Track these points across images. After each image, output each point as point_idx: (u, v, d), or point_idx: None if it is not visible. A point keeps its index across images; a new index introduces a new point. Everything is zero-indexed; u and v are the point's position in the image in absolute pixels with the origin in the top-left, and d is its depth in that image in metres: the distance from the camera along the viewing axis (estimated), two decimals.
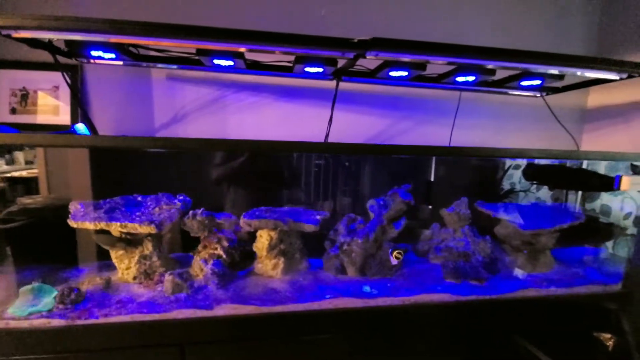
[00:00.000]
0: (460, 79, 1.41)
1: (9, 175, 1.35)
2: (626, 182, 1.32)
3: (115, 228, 1.14)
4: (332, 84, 1.59)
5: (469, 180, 1.96)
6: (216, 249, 1.27)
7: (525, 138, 2.00)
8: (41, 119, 1.59)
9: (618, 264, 1.60)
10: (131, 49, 1.28)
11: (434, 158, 1.88)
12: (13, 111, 1.58)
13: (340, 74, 1.48)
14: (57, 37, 1.10)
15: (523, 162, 1.98)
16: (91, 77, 1.61)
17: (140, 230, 1.16)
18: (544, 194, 2.08)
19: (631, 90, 1.83)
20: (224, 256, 1.27)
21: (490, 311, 1.27)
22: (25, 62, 1.54)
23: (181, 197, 1.34)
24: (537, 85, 1.52)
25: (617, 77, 1.28)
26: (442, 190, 1.86)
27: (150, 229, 1.14)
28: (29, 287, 1.07)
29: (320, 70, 1.32)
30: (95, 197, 1.33)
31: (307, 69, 1.31)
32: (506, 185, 2.03)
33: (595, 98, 2.04)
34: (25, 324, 0.98)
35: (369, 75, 1.48)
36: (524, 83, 1.50)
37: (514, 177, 2.05)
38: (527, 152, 1.25)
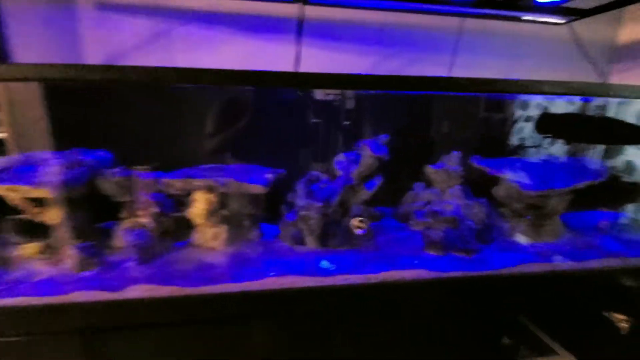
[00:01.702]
0: None
1: None
2: None
3: (2, 191, 0.91)
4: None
5: (470, 132, 1.63)
6: (141, 216, 1.04)
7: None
8: None
9: None
10: None
11: (425, 103, 1.55)
12: None
13: None
14: None
15: (535, 114, 1.64)
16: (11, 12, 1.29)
17: (37, 194, 0.92)
18: (558, 150, 1.75)
19: None
20: (151, 224, 1.04)
21: (478, 291, 1.03)
22: None
23: (100, 153, 1.09)
24: (557, 1, 1.15)
25: None
26: (436, 143, 1.56)
27: (45, 193, 0.91)
28: None
29: None
30: None
31: None
32: (515, 141, 1.70)
33: (628, 31, 1.63)
34: None
35: None
36: None
37: (525, 131, 1.71)
38: (537, 85, 0.92)
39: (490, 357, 1.08)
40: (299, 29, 1.35)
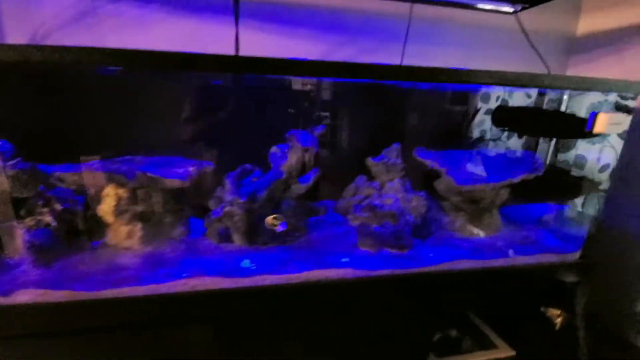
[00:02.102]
0: None
1: None
2: (602, 121, 0.97)
3: None
4: None
5: (421, 124, 1.58)
6: (42, 213, 0.95)
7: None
8: None
9: (584, 226, 1.32)
10: None
11: (375, 93, 1.49)
12: None
13: None
14: None
15: (488, 107, 1.62)
16: None
17: None
18: (516, 143, 1.74)
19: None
20: (53, 223, 0.94)
21: (405, 289, 1.00)
22: None
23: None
24: None
25: None
26: (385, 134, 1.51)
27: None
28: None
29: None
30: None
31: None
32: (470, 134, 1.67)
33: (586, 22, 1.61)
34: None
35: None
36: None
37: (486, 123, 1.69)
38: (473, 73, 0.87)
39: (420, 355, 1.05)
40: (236, 10, 1.26)
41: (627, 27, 1.46)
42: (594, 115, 0.98)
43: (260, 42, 1.39)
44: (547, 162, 1.59)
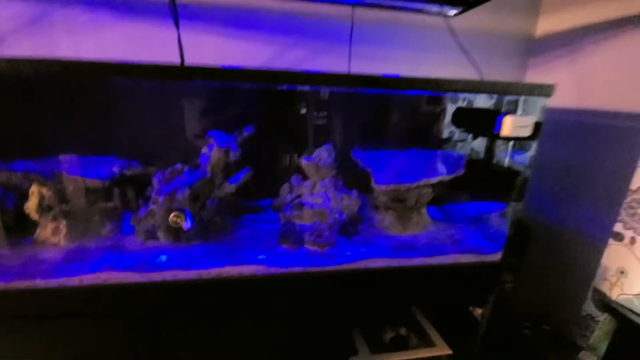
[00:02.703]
0: None
1: None
2: (508, 124, 0.99)
3: None
4: None
5: (366, 125, 1.59)
6: None
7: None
8: None
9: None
10: None
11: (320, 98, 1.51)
12: None
13: None
14: None
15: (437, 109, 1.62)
16: None
17: None
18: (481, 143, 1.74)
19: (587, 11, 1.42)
20: None
21: (318, 287, 1.03)
22: None
23: None
24: None
25: None
26: (327, 136, 1.53)
27: None
28: None
29: None
30: None
31: None
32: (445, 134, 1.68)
33: (545, 24, 1.62)
34: None
35: None
36: None
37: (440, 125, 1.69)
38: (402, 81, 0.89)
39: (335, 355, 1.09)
40: (174, 13, 1.29)
41: (585, 27, 1.46)
42: (501, 119, 1.00)
43: (206, 45, 1.43)
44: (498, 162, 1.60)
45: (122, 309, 0.93)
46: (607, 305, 1.15)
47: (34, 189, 1.03)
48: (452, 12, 1.41)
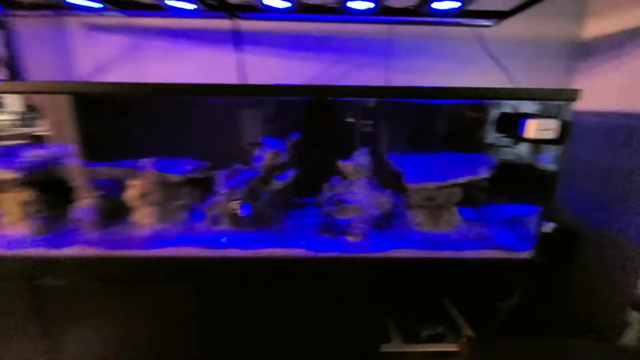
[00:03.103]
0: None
1: None
2: (532, 127, 1.06)
3: None
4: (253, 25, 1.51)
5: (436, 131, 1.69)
6: (88, 197, 1.33)
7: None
8: None
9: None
10: None
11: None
12: None
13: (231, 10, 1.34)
14: None
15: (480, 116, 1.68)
16: (21, 35, 1.64)
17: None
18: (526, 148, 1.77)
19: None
20: (95, 204, 1.32)
21: (345, 272, 1.18)
22: None
23: (58, 148, 1.39)
24: (455, 8, 1.23)
25: None
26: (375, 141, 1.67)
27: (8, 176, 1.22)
28: None
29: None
30: None
31: None
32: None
33: (592, 27, 1.60)
34: None
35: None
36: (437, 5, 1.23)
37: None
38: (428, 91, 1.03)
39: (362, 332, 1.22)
40: (236, 41, 1.56)
41: (634, 29, 1.45)
42: (524, 122, 1.07)
43: (265, 65, 1.68)
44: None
45: (192, 277, 1.17)
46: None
47: (135, 182, 1.33)
48: (487, 23, 1.49)
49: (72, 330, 1.23)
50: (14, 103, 1.45)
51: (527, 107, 1.67)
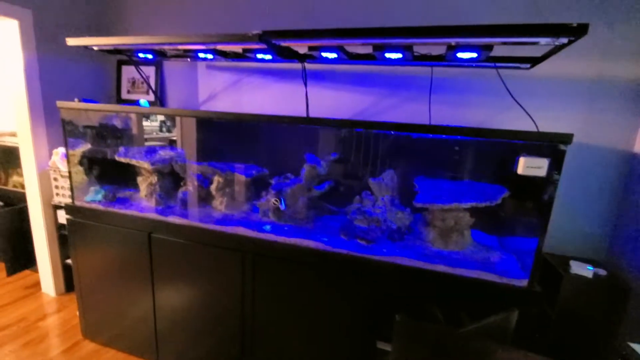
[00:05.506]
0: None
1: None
2: (521, 164, 1.17)
3: (129, 162, 1.93)
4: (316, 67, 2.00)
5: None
6: (188, 185, 1.91)
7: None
8: (138, 96, 2.57)
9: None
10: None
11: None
12: (128, 92, 2.62)
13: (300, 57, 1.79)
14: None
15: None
16: (167, 70, 2.45)
17: (143, 166, 1.90)
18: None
19: None
20: (192, 191, 1.89)
21: (352, 268, 1.44)
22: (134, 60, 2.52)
23: (177, 150, 2.03)
24: (474, 57, 1.42)
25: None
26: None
27: (146, 166, 1.87)
28: (93, 188, 1.99)
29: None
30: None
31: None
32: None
33: None
34: (91, 205, 1.89)
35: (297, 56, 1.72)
36: (461, 55, 1.44)
37: None
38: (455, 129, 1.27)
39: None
40: (304, 79, 2.00)
41: None
42: (518, 159, 1.18)
43: (331, 98, 2.08)
44: None
45: (241, 249, 1.60)
46: None
47: (216, 178, 1.87)
48: (524, 66, 1.58)
49: (168, 264, 1.80)
50: (159, 116, 2.19)
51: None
